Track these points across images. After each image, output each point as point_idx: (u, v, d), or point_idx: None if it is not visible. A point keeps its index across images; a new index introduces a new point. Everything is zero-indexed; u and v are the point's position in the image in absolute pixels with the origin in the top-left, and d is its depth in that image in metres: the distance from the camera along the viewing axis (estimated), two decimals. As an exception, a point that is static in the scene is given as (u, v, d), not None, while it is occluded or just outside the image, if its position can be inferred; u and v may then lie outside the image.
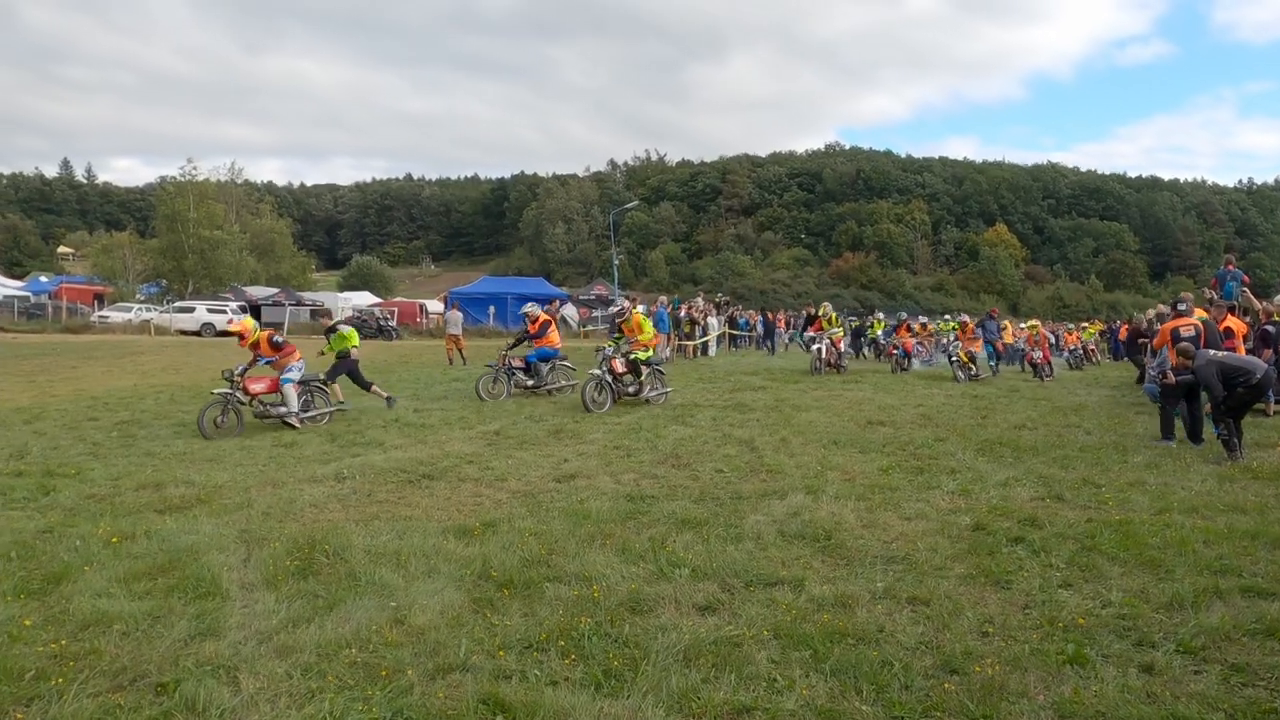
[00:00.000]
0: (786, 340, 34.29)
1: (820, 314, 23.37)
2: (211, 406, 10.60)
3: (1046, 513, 6.54)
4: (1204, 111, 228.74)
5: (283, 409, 11.01)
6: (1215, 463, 8.57)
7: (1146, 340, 15.99)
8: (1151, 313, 18.97)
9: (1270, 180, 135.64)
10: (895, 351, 22.22)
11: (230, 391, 10.76)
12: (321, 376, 12.32)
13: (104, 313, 42.40)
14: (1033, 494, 7.25)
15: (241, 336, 11.57)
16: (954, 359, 19.72)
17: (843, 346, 21.96)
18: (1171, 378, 9.70)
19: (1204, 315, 11.00)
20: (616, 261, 49.73)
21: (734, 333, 32.04)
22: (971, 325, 21.47)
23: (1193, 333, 9.91)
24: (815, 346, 20.85)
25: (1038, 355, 20.89)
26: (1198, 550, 5.48)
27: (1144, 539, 5.72)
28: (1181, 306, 10.73)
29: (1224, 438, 8.86)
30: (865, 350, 29.15)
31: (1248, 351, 11.06)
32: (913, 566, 5.25)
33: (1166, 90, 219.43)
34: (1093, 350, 28.84)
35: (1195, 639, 4.12)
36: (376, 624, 4.34)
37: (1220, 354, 9.27)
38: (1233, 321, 11.51)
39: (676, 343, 25.05)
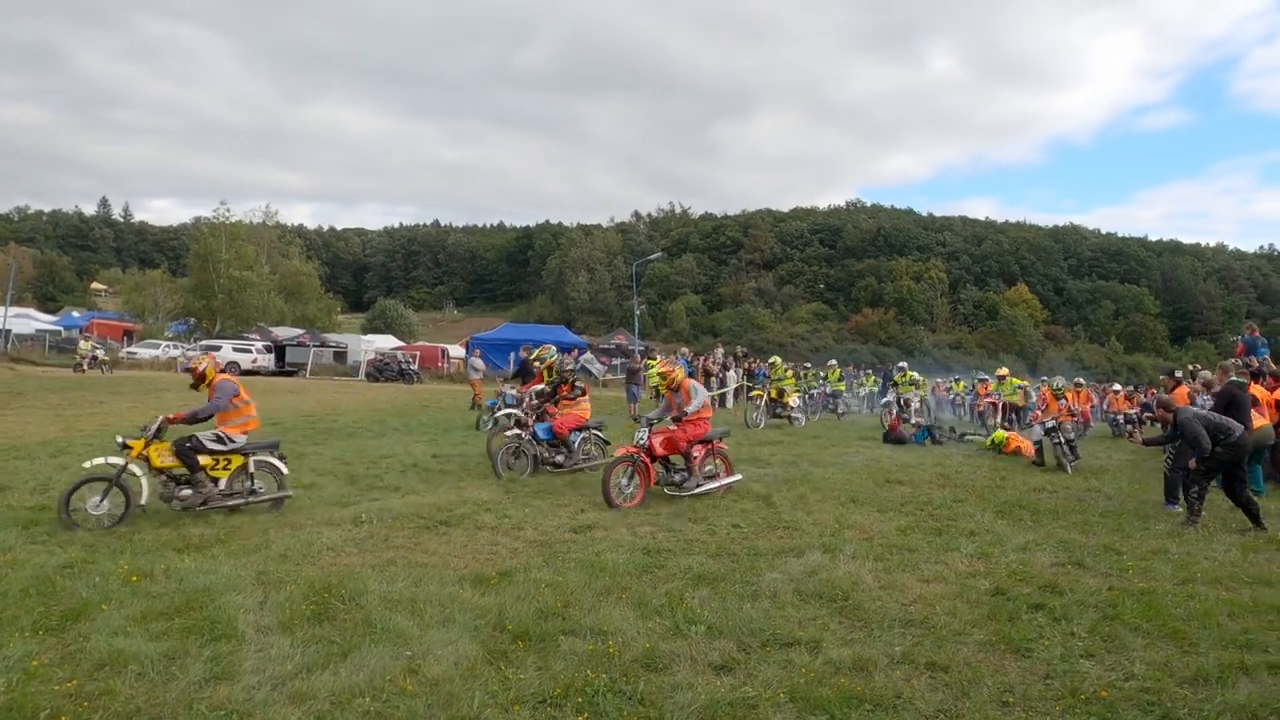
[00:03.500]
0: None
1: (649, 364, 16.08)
2: None
3: (1067, 579, 6.45)
4: (1224, 178, 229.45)
5: None
6: (1239, 533, 8.42)
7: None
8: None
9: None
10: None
11: None
12: None
13: (132, 349, 43.04)
14: (1053, 559, 7.15)
15: None
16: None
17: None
18: (1139, 438, 9.75)
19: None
20: (638, 312, 49.99)
21: (752, 385, 31.98)
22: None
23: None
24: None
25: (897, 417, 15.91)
26: (1222, 623, 5.38)
27: (1167, 610, 5.63)
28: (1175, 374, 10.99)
29: (1193, 498, 8.80)
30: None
31: None
32: (931, 631, 5.18)
33: (1186, 157, 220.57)
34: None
35: (1221, 716, 4.04)
36: (391, 673, 4.33)
37: (1202, 410, 9.19)
38: (1257, 390, 11.34)
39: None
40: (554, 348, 13.27)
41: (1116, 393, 26.52)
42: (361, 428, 16.75)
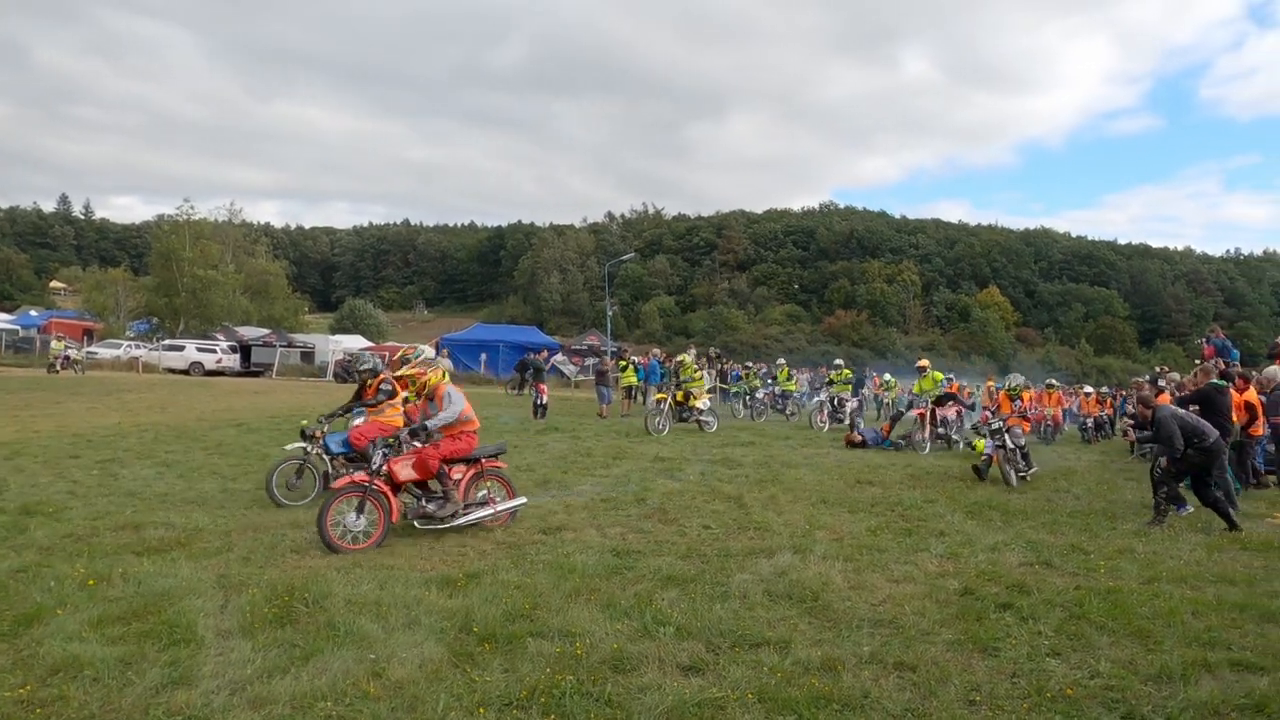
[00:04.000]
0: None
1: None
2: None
3: (1035, 579, 6.49)
4: (1192, 183, 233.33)
5: None
6: (1204, 532, 8.54)
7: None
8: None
9: (1258, 251, 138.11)
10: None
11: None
12: None
13: (92, 349, 42.24)
14: (1021, 559, 7.20)
15: None
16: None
17: None
18: (1133, 435, 9.68)
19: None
20: (610, 313, 49.90)
21: (724, 387, 32.02)
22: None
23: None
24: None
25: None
26: (1186, 621, 5.44)
27: (1133, 608, 5.68)
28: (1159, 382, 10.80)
29: (1160, 500, 8.86)
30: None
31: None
32: (900, 630, 5.19)
33: (1155, 161, 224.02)
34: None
35: (1184, 713, 4.07)
36: (354, 676, 4.26)
37: (1180, 411, 9.22)
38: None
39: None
40: (424, 347, 11.22)
41: (1087, 395, 25.16)
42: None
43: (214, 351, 40.56)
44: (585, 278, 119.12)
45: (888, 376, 26.21)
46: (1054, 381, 24.46)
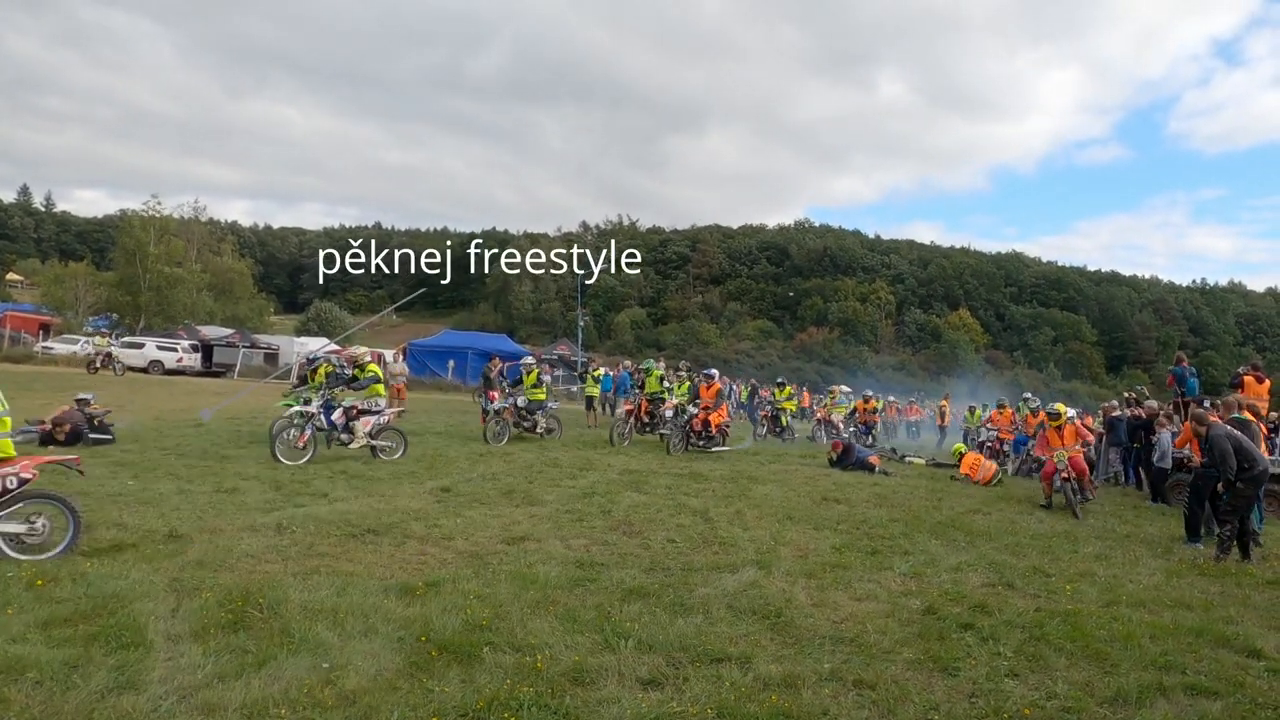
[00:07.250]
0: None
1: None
2: None
3: (997, 600, 6.53)
4: (1159, 213, 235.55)
5: None
6: (1164, 557, 8.65)
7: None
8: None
9: (1223, 281, 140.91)
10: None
11: None
12: None
13: (49, 343, 41.26)
14: (984, 580, 7.24)
15: None
16: None
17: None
18: (1195, 460, 9.37)
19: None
20: (581, 323, 49.86)
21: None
22: None
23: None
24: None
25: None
26: (1144, 645, 5.50)
27: (1091, 631, 5.73)
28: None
29: (1225, 537, 8.53)
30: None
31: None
32: (861, 648, 5.19)
33: (1124, 191, 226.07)
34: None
35: (1139, 736, 4.11)
36: (307, 684, 4.18)
37: (1234, 431, 8.88)
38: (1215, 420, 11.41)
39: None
40: None
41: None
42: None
43: (174, 350, 39.76)
44: (558, 287, 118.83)
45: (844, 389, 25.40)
46: (1059, 407, 13.30)
